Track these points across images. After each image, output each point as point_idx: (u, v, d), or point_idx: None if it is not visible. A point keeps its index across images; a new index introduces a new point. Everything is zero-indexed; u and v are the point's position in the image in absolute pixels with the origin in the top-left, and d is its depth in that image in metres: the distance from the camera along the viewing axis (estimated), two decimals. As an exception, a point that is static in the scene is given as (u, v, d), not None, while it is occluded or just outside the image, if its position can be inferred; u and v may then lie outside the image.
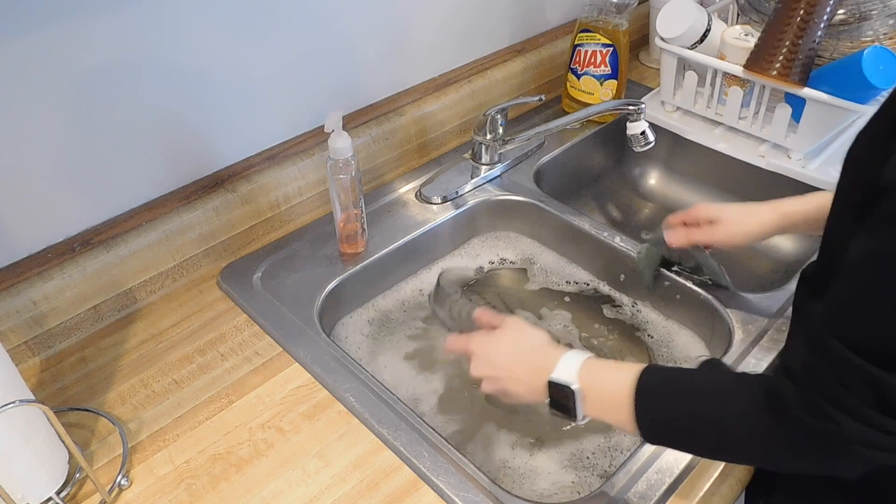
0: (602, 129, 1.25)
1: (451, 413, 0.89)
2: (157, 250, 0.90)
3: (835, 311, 0.52)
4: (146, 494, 0.71)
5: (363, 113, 1.09)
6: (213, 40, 0.86)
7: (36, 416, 0.67)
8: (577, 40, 1.21)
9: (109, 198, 0.87)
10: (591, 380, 0.64)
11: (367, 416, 0.77)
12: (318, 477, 0.72)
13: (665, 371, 0.64)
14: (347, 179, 0.90)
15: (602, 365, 0.65)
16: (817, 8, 0.99)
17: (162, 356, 0.85)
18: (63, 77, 0.76)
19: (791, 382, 0.53)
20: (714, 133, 1.20)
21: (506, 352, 0.70)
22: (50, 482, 0.69)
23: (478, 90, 1.21)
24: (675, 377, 0.63)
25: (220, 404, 0.80)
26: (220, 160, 0.95)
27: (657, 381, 0.62)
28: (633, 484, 0.70)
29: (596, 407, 0.64)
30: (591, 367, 0.65)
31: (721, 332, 0.89)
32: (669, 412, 0.61)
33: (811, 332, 0.53)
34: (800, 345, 0.55)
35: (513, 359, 0.70)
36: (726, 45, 1.12)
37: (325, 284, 0.93)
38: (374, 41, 1.05)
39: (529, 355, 0.69)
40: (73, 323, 0.86)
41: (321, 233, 1.02)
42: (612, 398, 0.63)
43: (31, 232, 0.82)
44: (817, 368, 0.52)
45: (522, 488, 0.79)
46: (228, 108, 0.92)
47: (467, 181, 1.11)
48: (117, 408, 0.80)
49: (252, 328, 0.89)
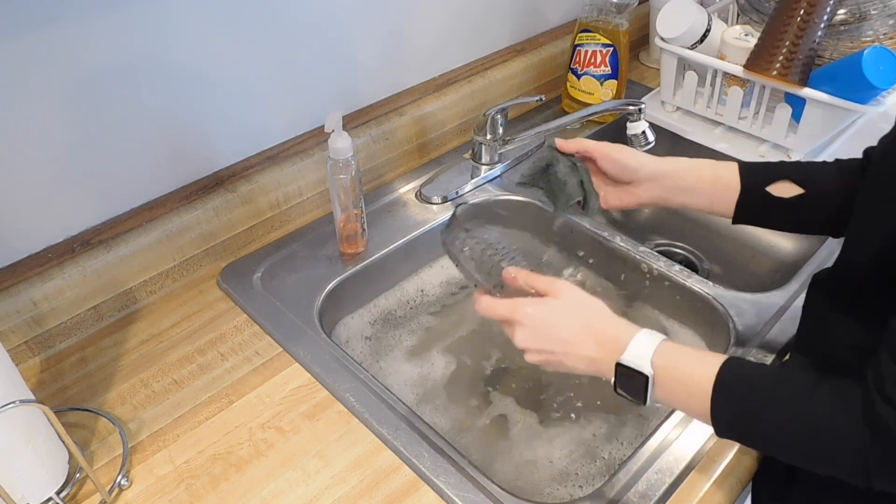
0: (602, 129, 1.25)
1: (451, 413, 0.89)
2: (157, 250, 0.90)
3: None
4: (146, 494, 0.71)
5: (363, 113, 1.09)
6: (214, 40, 0.86)
7: (36, 416, 0.67)
8: (577, 40, 1.21)
9: (109, 198, 0.87)
10: (667, 367, 0.60)
11: (367, 416, 0.77)
12: (318, 477, 0.72)
13: (747, 369, 0.61)
14: (347, 179, 0.90)
15: (679, 352, 0.62)
16: (817, 8, 0.99)
17: (162, 356, 0.85)
18: (63, 77, 0.76)
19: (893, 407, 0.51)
20: (714, 133, 1.20)
21: (562, 326, 0.64)
22: (50, 482, 0.69)
23: (478, 90, 1.21)
24: (759, 378, 0.60)
25: (220, 404, 0.79)
26: (220, 160, 0.95)
27: (739, 380, 0.59)
28: (634, 484, 0.70)
29: (668, 395, 0.61)
30: (667, 353, 0.61)
31: (721, 331, 0.89)
32: (750, 416, 0.59)
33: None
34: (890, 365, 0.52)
35: (573, 332, 0.64)
36: (726, 45, 1.12)
37: (325, 284, 0.93)
38: (374, 41, 1.04)
39: (593, 328, 0.64)
40: (73, 323, 0.86)
41: (321, 233, 1.02)
42: (687, 390, 0.60)
43: (31, 232, 0.82)
44: None
45: (522, 488, 0.79)
46: (228, 108, 0.92)
47: (467, 181, 1.11)
48: (117, 408, 0.80)
49: (252, 328, 0.89)
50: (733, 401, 0.59)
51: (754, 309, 0.89)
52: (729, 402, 0.59)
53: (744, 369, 0.61)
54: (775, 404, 0.58)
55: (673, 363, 0.61)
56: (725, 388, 0.59)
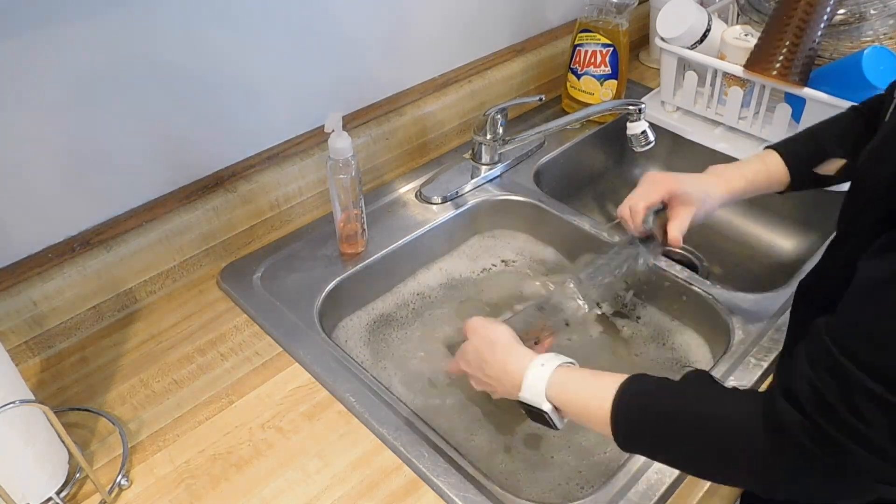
0: (602, 129, 1.25)
1: (451, 413, 0.89)
2: (157, 250, 0.90)
3: (846, 329, 0.48)
4: (146, 494, 0.71)
5: (363, 113, 1.09)
6: (214, 40, 0.86)
7: (36, 416, 0.67)
8: (577, 40, 1.21)
9: (109, 198, 0.87)
10: (564, 399, 0.63)
11: (367, 417, 0.77)
12: (318, 477, 0.72)
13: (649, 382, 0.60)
14: (347, 179, 0.90)
15: (573, 381, 0.63)
16: (817, 8, 0.99)
17: (162, 356, 0.85)
18: (63, 77, 0.76)
19: (793, 406, 0.49)
20: (714, 133, 1.20)
21: (478, 360, 0.71)
22: (50, 482, 0.69)
23: (478, 90, 1.21)
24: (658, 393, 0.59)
25: (220, 404, 0.80)
26: (220, 160, 0.95)
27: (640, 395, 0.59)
28: (634, 484, 0.70)
29: (576, 419, 0.64)
30: (561, 384, 0.63)
31: (721, 332, 0.89)
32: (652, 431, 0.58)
33: (815, 349, 0.49)
34: (802, 364, 0.50)
35: (486, 367, 0.70)
36: (726, 45, 1.12)
37: (326, 284, 0.93)
38: (374, 41, 1.05)
39: (497, 362, 0.69)
40: (73, 323, 0.86)
41: (321, 233, 1.02)
42: (588, 414, 0.61)
43: (31, 232, 0.82)
44: (824, 391, 0.47)
45: (523, 488, 0.79)
46: (228, 108, 0.92)
47: (467, 181, 1.11)
48: (117, 408, 0.80)
49: (252, 328, 0.89)
50: (630, 417, 0.59)
51: (754, 309, 0.89)
52: (626, 418, 0.59)
53: (641, 384, 0.60)
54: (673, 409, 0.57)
55: (569, 393, 0.63)
56: (625, 407, 0.59)
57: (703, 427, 0.55)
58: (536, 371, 0.65)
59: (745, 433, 0.52)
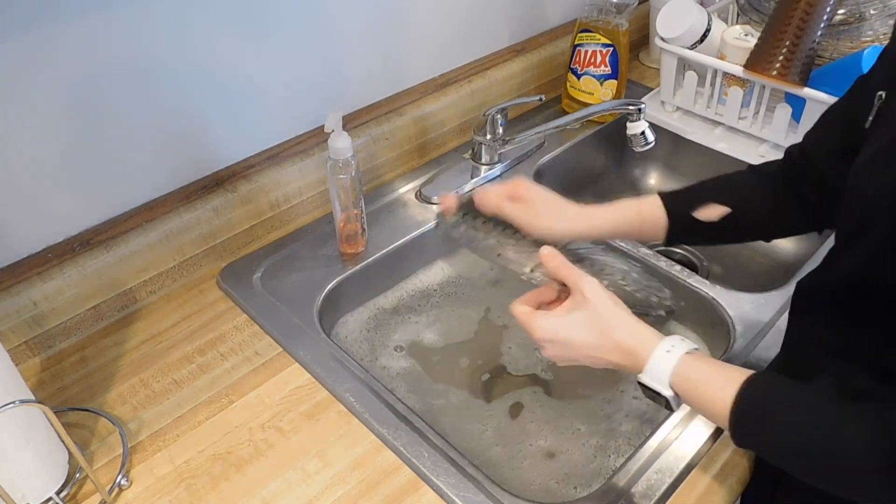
0: (602, 129, 1.25)
1: (451, 413, 0.89)
2: (157, 250, 0.90)
3: None
4: (146, 494, 0.71)
5: (363, 113, 1.09)
6: (213, 40, 0.86)
7: (36, 416, 0.67)
8: (577, 40, 1.21)
9: (109, 198, 0.87)
10: (686, 389, 0.62)
11: (367, 417, 0.77)
12: (318, 477, 0.72)
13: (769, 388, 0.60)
14: (347, 179, 0.90)
15: (699, 371, 0.62)
16: (817, 8, 0.99)
17: (162, 356, 0.85)
18: (63, 77, 0.76)
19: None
20: (714, 133, 1.20)
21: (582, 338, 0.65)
22: (50, 482, 0.69)
23: (478, 90, 1.21)
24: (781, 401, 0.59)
25: (220, 404, 0.80)
26: (220, 160, 0.95)
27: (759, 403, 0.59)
28: (633, 484, 0.70)
29: (693, 408, 0.64)
30: (686, 374, 0.62)
31: (721, 331, 0.89)
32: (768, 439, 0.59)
33: None
34: None
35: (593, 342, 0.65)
36: (726, 45, 1.12)
37: (325, 284, 0.93)
38: (373, 41, 1.05)
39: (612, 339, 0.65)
40: (73, 323, 0.86)
41: (321, 233, 1.02)
42: (708, 411, 0.61)
43: (31, 232, 0.82)
44: None
45: (523, 488, 0.79)
46: (228, 108, 0.92)
47: (467, 181, 1.11)
48: (117, 408, 0.80)
49: (252, 328, 0.89)
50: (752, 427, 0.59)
51: (754, 309, 0.89)
52: (747, 426, 0.59)
53: (764, 391, 0.60)
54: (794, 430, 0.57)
55: (692, 385, 0.61)
56: (743, 413, 0.59)
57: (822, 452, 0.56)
58: (663, 355, 0.63)
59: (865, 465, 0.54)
